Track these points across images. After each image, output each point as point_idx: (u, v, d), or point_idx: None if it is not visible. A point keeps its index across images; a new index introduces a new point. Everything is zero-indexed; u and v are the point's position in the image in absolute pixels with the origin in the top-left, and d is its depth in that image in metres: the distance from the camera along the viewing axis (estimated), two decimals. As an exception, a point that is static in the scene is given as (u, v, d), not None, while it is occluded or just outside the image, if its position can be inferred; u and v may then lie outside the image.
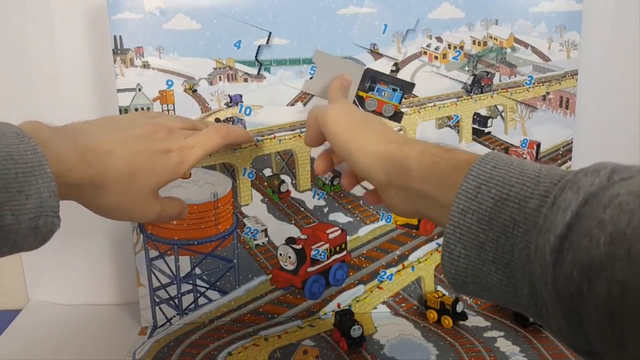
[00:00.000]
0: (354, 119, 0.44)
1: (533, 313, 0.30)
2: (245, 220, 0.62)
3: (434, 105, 0.61)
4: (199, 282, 0.62)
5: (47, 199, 0.33)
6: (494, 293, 0.31)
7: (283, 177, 0.61)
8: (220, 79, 0.59)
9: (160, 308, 0.63)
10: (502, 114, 0.62)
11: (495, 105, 0.62)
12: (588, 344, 0.26)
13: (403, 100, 0.60)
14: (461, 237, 0.31)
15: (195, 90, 0.59)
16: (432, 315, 0.62)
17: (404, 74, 0.60)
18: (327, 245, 0.62)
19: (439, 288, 0.65)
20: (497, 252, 0.30)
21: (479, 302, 0.65)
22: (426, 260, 0.64)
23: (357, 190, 0.60)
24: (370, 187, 0.50)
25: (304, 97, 0.60)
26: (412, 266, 0.64)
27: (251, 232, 0.62)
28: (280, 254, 0.62)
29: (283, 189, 0.62)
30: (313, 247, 0.61)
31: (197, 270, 0.62)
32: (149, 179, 0.41)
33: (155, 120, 0.46)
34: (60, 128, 0.38)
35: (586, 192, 0.26)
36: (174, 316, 0.63)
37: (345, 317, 0.57)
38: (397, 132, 0.44)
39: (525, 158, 0.63)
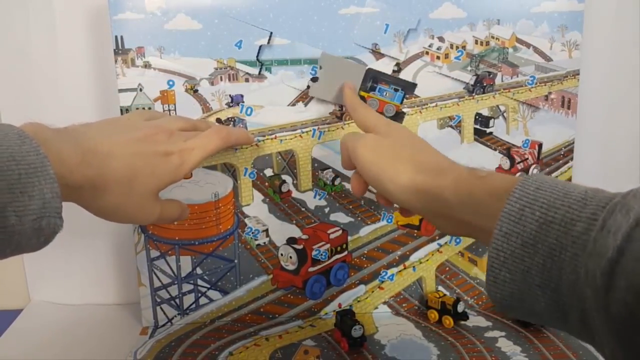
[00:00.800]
0: (383, 151, 0.43)
1: (586, 338, 0.29)
2: (246, 220, 0.61)
3: (436, 106, 0.61)
4: (200, 282, 0.62)
5: (50, 200, 0.33)
6: (543, 317, 0.31)
7: (284, 177, 0.61)
8: (221, 79, 0.59)
9: (161, 308, 0.63)
10: (504, 114, 0.62)
11: (497, 106, 0.62)
12: None
13: (405, 100, 0.60)
14: (505, 261, 0.30)
15: (196, 91, 0.59)
16: (433, 315, 0.62)
17: (405, 74, 0.60)
18: (328, 246, 0.62)
19: (440, 288, 0.65)
20: (544, 276, 0.29)
21: (480, 302, 0.65)
22: (427, 260, 0.64)
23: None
24: None
25: (305, 97, 0.60)
26: (413, 266, 0.64)
27: (252, 232, 0.62)
28: (281, 254, 0.62)
29: (284, 189, 0.62)
30: (314, 247, 0.61)
31: (198, 270, 0.62)
32: (149, 182, 0.41)
33: (155, 122, 0.46)
34: (61, 130, 0.38)
35: (637, 214, 0.25)
36: (175, 316, 0.63)
37: (346, 317, 0.58)
38: (429, 155, 0.42)
39: (527, 158, 0.63)
